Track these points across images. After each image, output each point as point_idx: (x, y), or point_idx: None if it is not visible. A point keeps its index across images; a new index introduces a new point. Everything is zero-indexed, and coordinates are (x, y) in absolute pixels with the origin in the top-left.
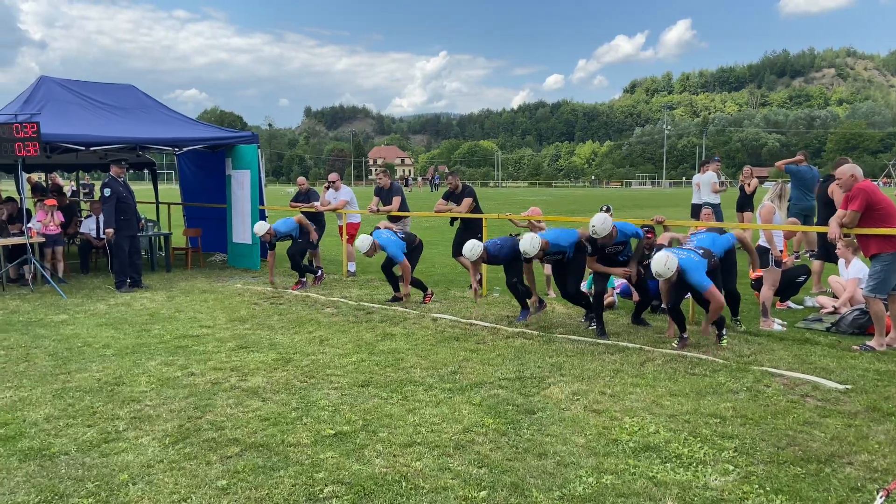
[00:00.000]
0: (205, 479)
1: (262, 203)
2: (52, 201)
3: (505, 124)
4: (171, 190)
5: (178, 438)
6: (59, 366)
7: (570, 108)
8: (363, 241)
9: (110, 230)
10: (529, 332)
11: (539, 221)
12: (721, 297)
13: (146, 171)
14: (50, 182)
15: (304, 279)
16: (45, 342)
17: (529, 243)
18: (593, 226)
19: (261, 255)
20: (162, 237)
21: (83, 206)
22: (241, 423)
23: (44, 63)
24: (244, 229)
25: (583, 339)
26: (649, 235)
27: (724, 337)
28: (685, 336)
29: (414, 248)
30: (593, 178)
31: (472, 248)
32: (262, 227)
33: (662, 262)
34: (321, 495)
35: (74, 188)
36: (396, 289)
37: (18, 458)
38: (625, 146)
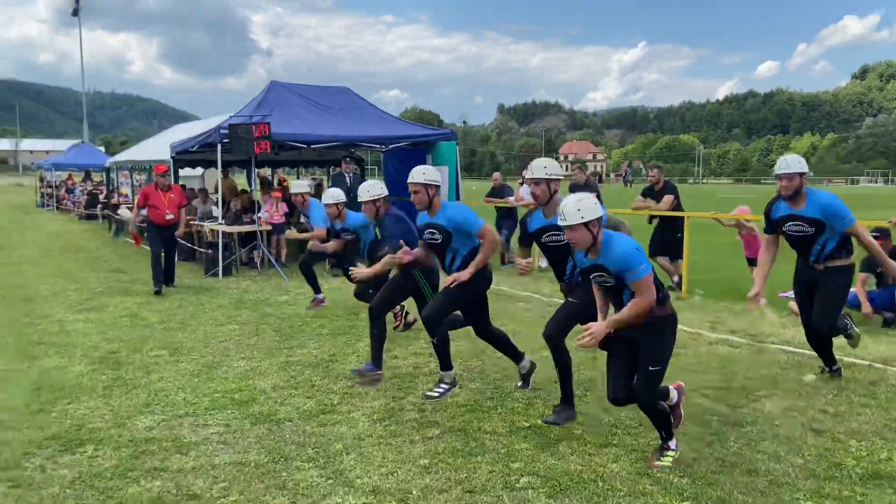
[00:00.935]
0: (409, 455)
1: (457, 198)
2: (277, 193)
3: (708, 117)
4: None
5: (385, 416)
6: (283, 341)
7: (785, 98)
8: None
9: None
10: (736, 339)
11: (748, 221)
12: (651, 297)
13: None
14: (280, 177)
15: (320, 296)
16: (270, 319)
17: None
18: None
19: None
20: None
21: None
22: (440, 406)
23: (270, 69)
24: None
25: (799, 350)
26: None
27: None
28: (668, 444)
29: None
30: (811, 174)
31: (373, 185)
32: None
33: (573, 200)
34: (517, 485)
35: (317, 181)
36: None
37: (251, 421)
38: (852, 139)
